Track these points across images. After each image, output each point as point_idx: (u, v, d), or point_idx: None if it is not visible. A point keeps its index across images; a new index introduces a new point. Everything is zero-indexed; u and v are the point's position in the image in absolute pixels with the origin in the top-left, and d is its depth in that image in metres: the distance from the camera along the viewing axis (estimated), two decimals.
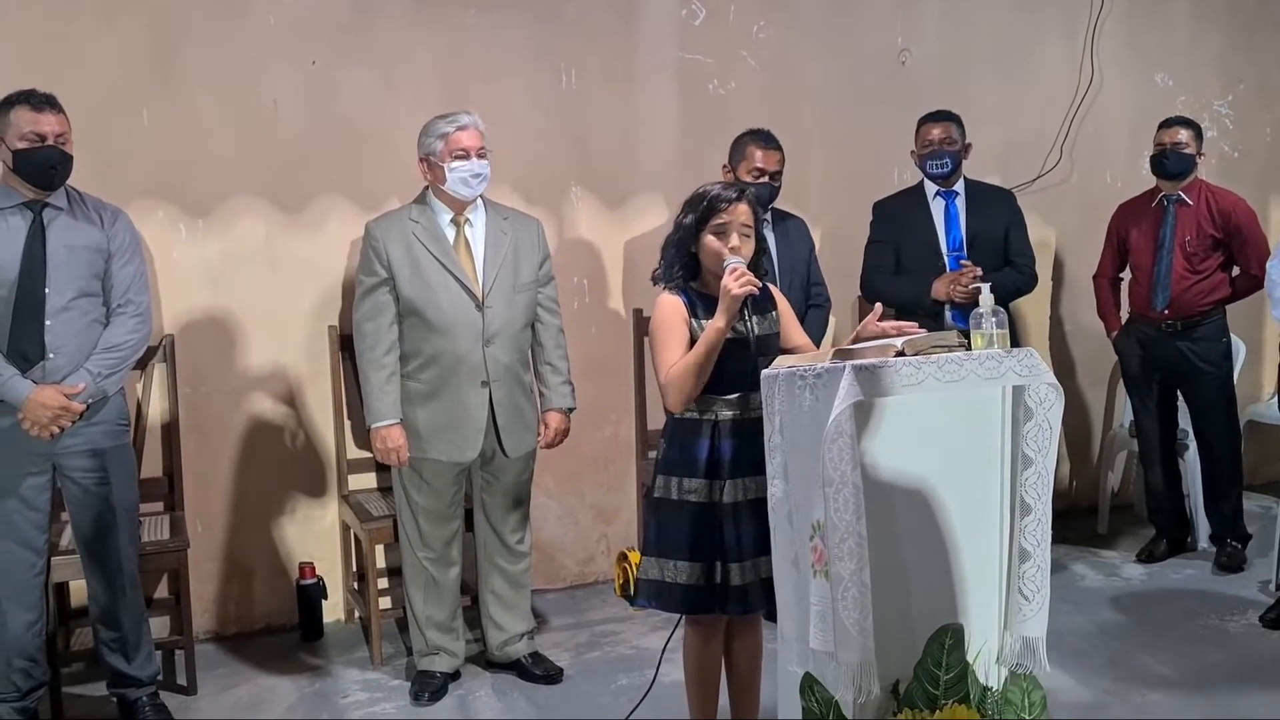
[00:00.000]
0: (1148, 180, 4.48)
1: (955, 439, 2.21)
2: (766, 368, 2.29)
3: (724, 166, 3.80)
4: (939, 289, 3.85)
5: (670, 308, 2.57)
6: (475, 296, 3.24)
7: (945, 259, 3.97)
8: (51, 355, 2.91)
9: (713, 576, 2.52)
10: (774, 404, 2.22)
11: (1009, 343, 2.25)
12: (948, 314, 3.85)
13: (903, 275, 3.99)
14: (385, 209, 3.55)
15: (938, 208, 4.02)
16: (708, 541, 2.52)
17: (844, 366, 2.06)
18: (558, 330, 3.46)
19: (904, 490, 2.18)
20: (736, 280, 2.43)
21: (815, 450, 2.07)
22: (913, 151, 4.07)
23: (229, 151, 3.67)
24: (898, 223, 4.03)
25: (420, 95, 3.76)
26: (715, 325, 2.45)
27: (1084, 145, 4.87)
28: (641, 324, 4.19)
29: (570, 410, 3.48)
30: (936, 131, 3.97)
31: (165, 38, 3.58)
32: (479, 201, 3.34)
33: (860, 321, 4.38)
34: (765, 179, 3.71)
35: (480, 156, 3.24)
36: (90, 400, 2.94)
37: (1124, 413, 4.86)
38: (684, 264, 2.60)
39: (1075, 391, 5.00)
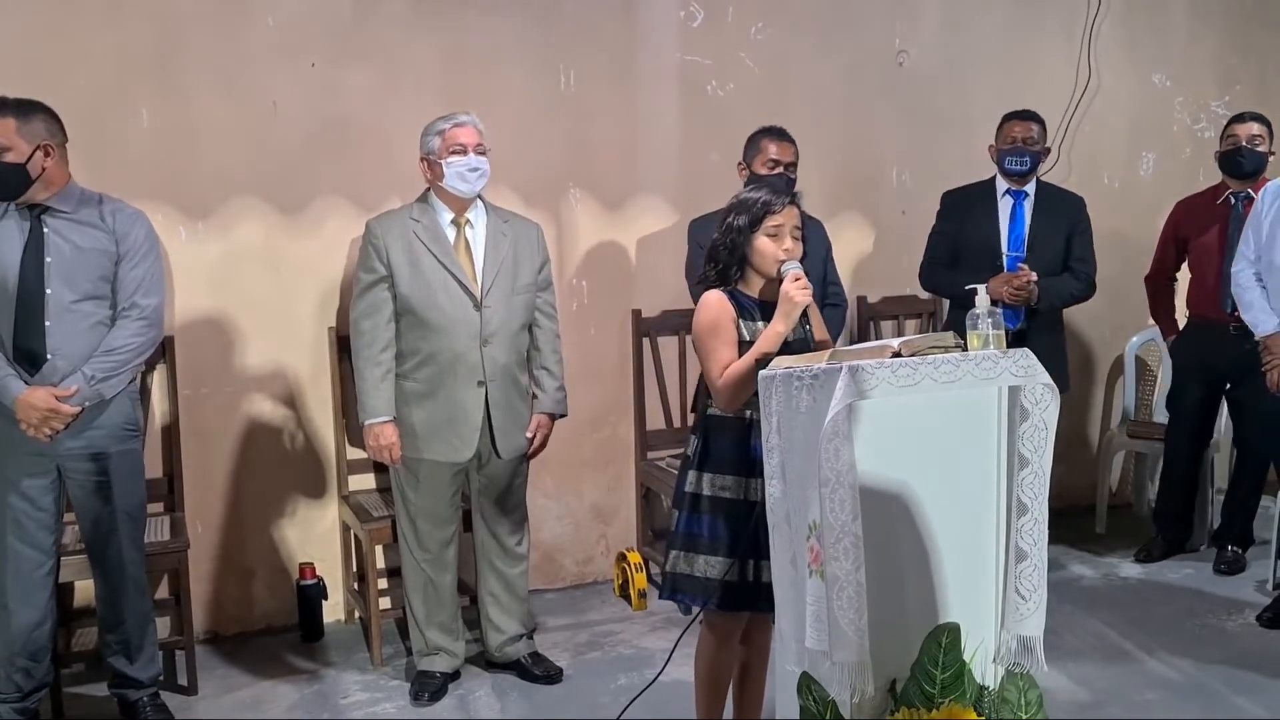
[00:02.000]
0: (1147, 181, 4.49)
1: (951, 439, 2.21)
2: (764, 368, 2.30)
3: (739, 165, 3.82)
4: (993, 288, 3.81)
5: (718, 307, 2.55)
6: (474, 296, 3.25)
7: (1004, 259, 3.99)
8: (51, 356, 2.91)
9: (744, 573, 2.53)
10: (771, 404, 2.23)
11: (1005, 343, 2.25)
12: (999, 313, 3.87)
13: (959, 270, 3.96)
14: (384, 210, 3.55)
15: (1005, 206, 4.03)
16: (740, 538, 2.52)
17: (840, 367, 2.07)
18: (554, 335, 3.47)
19: (900, 490, 2.18)
20: (799, 287, 2.45)
21: (812, 450, 2.07)
22: (991, 146, 4.08)
23: (228, 152, 3.68)
24: (962, 214, 4.05)
25: (420, 96, 3.78)
26: (775, 329, 2.46)
27: (1081, 146, 4.88)
28: (641, 325, 4.20)
29: (560, 416, 3.49)
30: (1019, 129, 3.98)
31: (165, 38, 3.59)
32: (480, 204, 3.35)
33: (860, 322, 4.45)
34: (780, 170, 3.73)
35: (478, 153, 3.25)
36: (85, 403, 2.92)
37: (1121, 412, 4.88)
38: (738, 266, 2.58)
39: (1073, 392, 5.00)
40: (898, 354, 2.18)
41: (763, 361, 2.43)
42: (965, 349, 2.23)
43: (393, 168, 3.74)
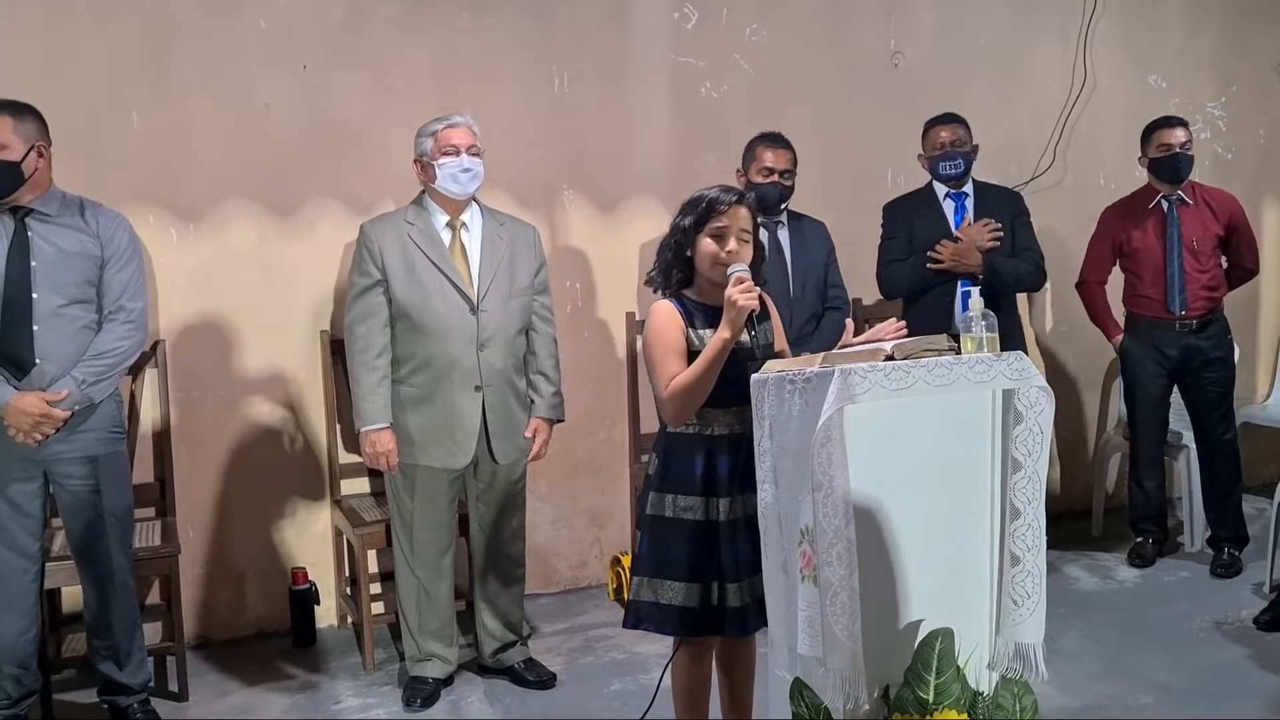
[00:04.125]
0: (1143, 182, 4.46)
1: (945, 443, 2.20)
2: (756, 373, 2.28)
3: (737, 171, 3.82)
4: (972, 237, 3.87)
5: (665, 316, 2.49)
6: (470, 300, 3.22)
7: None
8: (39, 361, 2.89)
9: (709, 598, 2.46)
10: (763, 408, 2.21)
11: (999, 346, 2.24)
12: (959, 286, 3.90)
13: (914, 257, 3.97)
14: (378, 213, 3.54)
15: (948, 208, 4.04)
16: (704, 561, 2.45)
17: (833, 371, 2.06)
18: (551, 339, 3.45)
19: (893, 495, 2.17)
20: (742, 291, 2.36)
21: (804, 455, 2.06)
22: (920, 155, 4.08)
23: (221, 155, 3.67)
24: (910, 222, 4.05)
25: (413, 99, 3.76)
26: (721, 336, 2.38)
27: (1077, 147, 4.87)
28: (635, 328, 4.18)
29: (557, 422, 3.47)
30: (946, 134, 3.98)
31: (156, 40, 3.57)
32: (475, 206, 3.33)
33: (856, 322, 4.43)
34: (775, 178, 3.72)
35: (471, 154, 3.23)
36: (75, 407, 2.91)
37: (1117, 414, 4.86)
38: (681, 268, 2.52)
39: (1069, 395, 5.00)
40: (890, 357, 2.17)
41: (709, 371, 2.37)
42: (959, 352, 2.22)
43: (386, 170, 3.73)
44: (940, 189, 4.05)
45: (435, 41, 3.89)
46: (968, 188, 4.05)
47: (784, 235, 3.82)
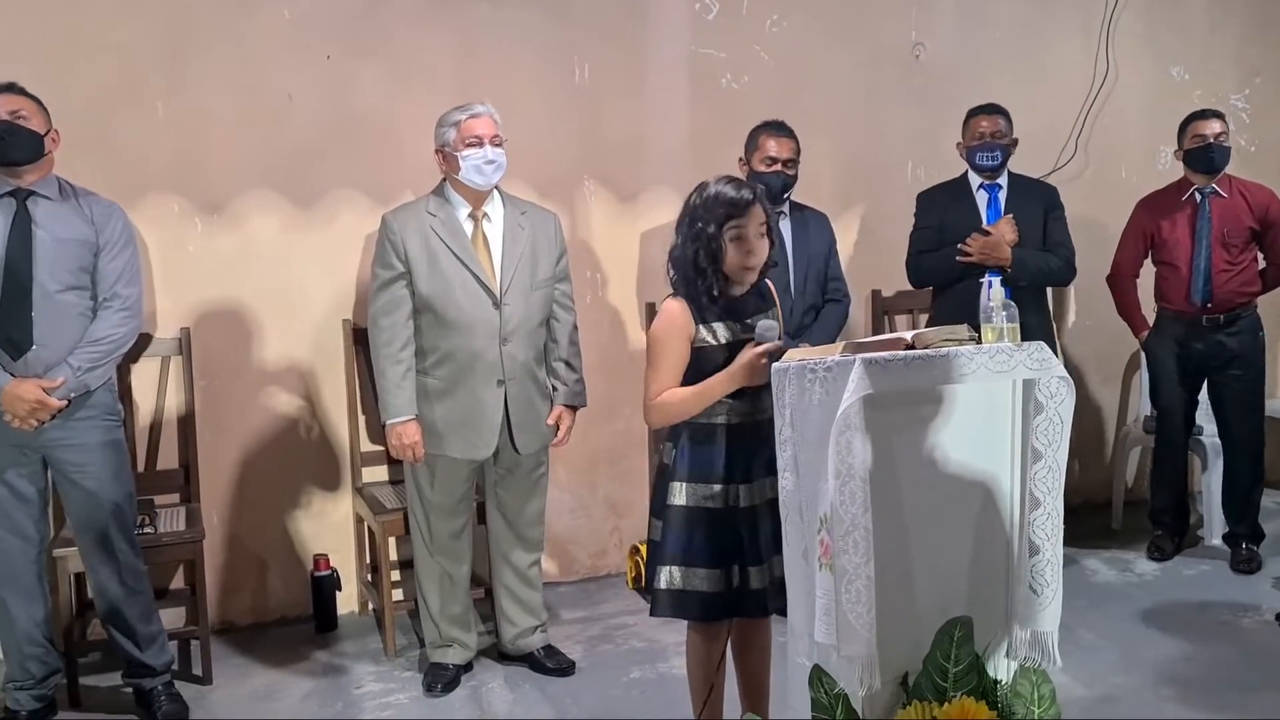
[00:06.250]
0: (1164, 174, 4.46)
1: (965, 433, 2.20)
2: (777, 361, 2.29)
3: (739, 160, 3.81)
4: (1002, 229, 3.86)
5: (673, 320, 2.49)
6: (493, 293, 3.22)
7: None
8: (36, 346, 2.90)
9: (731, 581, 2.50)
10: (784, 397, 2.22)
11: (1020, 337, 2.24)
12: (985, 277, 3.83)
13: (944, 249, 3.97)
14: (398, 203, 3.55)
15: (981, 199, 4.03)
16: (727, 547, 2.49)
17: (854, 360, 2.06)
18: (572, 327, 3.45)
19: (913, 483, 2.17)
20: (765, 364, 2.36)
21: (824, 443, 2.06)
22: (959, 143, 4.07)
23: (243, 145, 3.69)
24: (941, 211, 4.04)
25: (433, 89, 3.77)
26: (722, 384, 2.43)
27: (1099, 139, 4.85)
28: (654, 317, 4.19)
29: (580, 408, 3.48)
30: (986, 124, 3.97)
31: (179, 31, 3.60)
32: (496, 195, 3.33)
33: (875, 315, 4.43)
34: (778, 167, 3.71)
35: (495, 144, 3.22)
36: (71, 394, 2.92)
37: (1137, 408, 4.84)
38: (715, 273, 2.47)
39: (1090, 387, 4.98)
40: (911, 347, 2.17)
41: (699, 402, 2.44)
42: (979, 342, 2.22)
43: (407, 161, 3.75)
44: (974, 179, 4.04)
45: (455, 32, 3.91)
46: (1002, 179, 4.04)
47: (786, 226, 3.81)
